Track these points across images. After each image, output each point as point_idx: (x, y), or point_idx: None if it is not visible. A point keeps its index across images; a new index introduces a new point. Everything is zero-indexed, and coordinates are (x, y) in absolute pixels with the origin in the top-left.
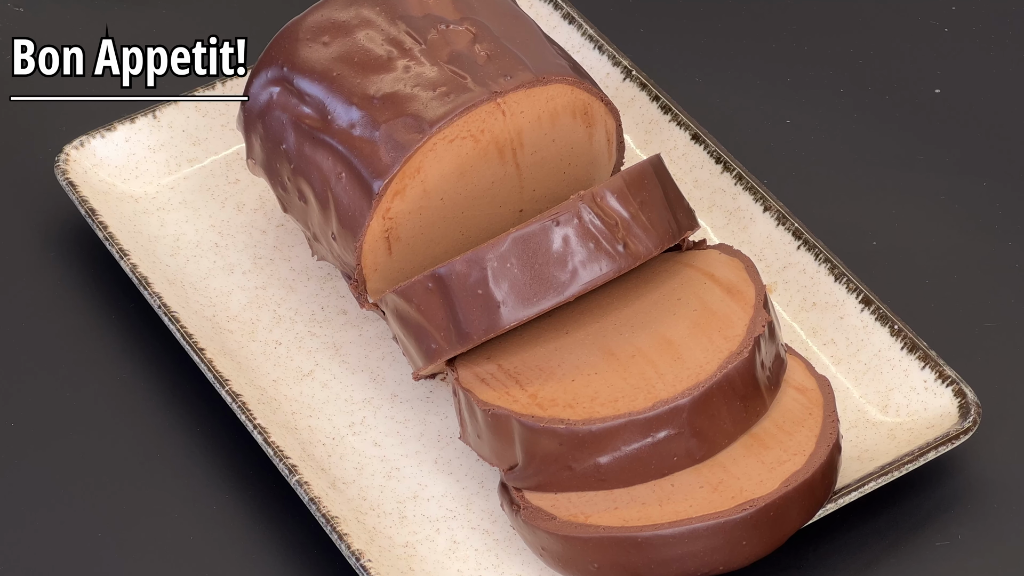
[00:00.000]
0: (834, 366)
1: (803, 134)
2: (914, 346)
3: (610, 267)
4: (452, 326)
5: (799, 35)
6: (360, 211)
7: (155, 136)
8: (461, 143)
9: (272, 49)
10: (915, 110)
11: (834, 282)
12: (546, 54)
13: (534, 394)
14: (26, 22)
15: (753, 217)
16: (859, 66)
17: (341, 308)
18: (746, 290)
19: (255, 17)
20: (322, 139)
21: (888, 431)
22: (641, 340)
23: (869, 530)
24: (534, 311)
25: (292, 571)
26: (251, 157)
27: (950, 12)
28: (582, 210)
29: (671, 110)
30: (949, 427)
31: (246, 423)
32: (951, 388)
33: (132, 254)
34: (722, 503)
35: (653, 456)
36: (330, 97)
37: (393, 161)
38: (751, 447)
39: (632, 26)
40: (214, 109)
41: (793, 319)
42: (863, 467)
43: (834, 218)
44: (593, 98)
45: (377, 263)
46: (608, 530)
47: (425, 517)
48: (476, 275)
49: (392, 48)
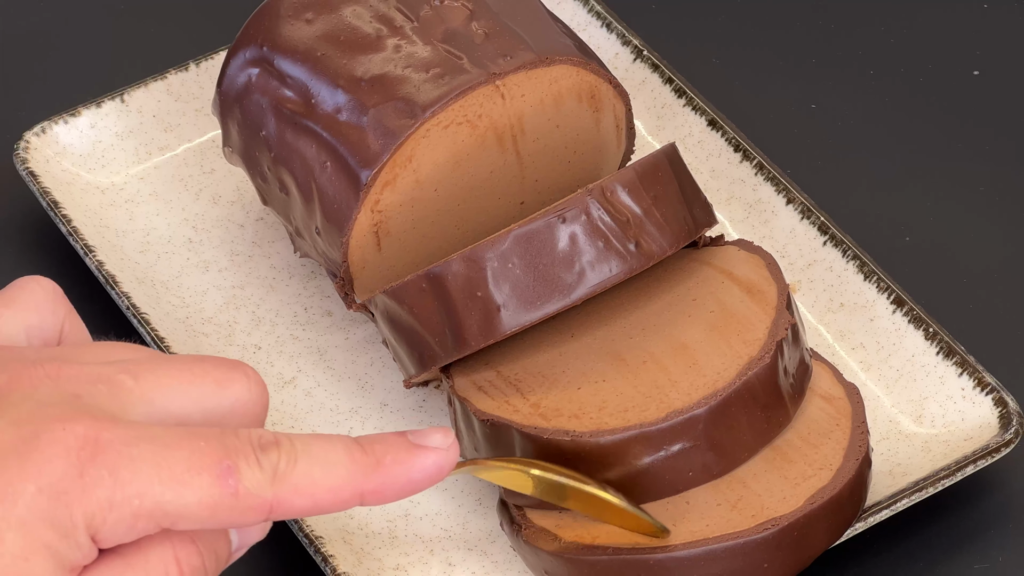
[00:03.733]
0: (863, 372)
1: (830, 120)
2: (951, 351)
3: (621, 268)
4: (448, 330)
5: (825, 12)
6: (347, 203)
7: (123, 122)
8: (457, 129)
9: (251, 27)
10: (952, 93)
11: (863, 281)
12: (549, 32)
13: (536, 403)
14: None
15: (775, 210)
16: (891, 45)
17: (326, 309)
18: (767, 290)
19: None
20: (305, 125)
21: (922, 443)
22: (653, 345)
23: (902, 552)
24: (538, 315)
25: None
26: (228, 145)
27: None
28: (590, 205)
29: (686, 93)
30: (989, 439)
31: None
32: (991, 396)
33: (98, 250)
34: (742, 522)
35: (666, 471)
36: (314, 79)
37: (383, 149)
38: (773, 461)
39: (644, 2)
40: (187, 92)
41: (819, 321)
42: (895, 483)
43: (863, 211)
44: (600, 80)
45: (365, 260)
46: (617, 552)
47: (417, 537)
48: (475, 275)
49: (381, 26)
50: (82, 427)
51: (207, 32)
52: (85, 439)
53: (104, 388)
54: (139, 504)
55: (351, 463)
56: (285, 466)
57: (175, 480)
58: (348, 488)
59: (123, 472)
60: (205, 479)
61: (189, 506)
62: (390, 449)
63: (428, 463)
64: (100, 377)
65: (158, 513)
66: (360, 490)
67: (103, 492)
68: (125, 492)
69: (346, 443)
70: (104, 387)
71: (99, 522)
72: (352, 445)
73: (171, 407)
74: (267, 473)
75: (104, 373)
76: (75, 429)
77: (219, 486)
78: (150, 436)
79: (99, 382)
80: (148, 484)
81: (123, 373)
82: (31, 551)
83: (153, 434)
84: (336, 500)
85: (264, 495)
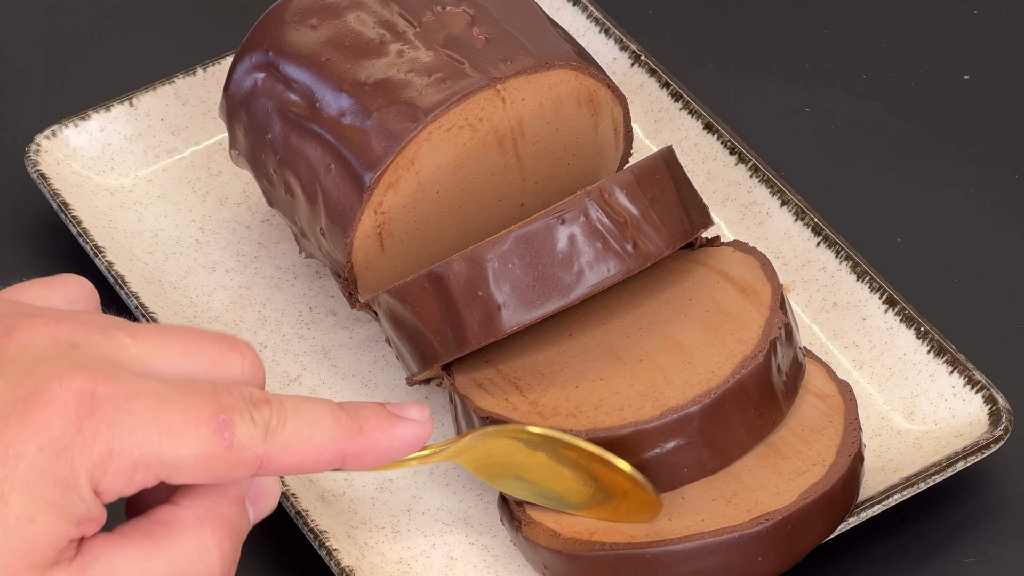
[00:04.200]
0: (856, 371)
1: (823, 123)
2: (942, 349)
3: (618, 268)
4: (449, 329)
5: (819, 18)
6: (351, 205)
7: (132, 125)
8: (458, 132)
9: (256, 32)
10: (943, 97)
11: (856, 281)
12: (549, 38)
13: (535, 401)
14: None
15: (770, 212)
16: (883, 51)
17: (330, 309)
18: (762, 290)
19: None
20: (310, 128)
21: (914, 440)
22: (649, 344)
23: (893, 546)
24: (537, 315)
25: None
26: (234, 148)
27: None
28: (589, 207)
29: (682, 97)
30: (979, 436)
31: None
32: (981, 394)
33: (107, 251)
34: (736, 516)
35: (661, 468)
36: (318, 83)
37: (386, 152)
38: (767, 457)
39: (641, 8)
40: (195, 96)
41: (812, 320)
42: (887, 478)
43: (856, 213)
44: (599, 84)
45: (369, 260)
46: (614, 547)
47: (420, 531)
48: (476, 275)
49: (384, 31)
50: (79, 382)
51: (214, 37)
52: (82, 394)
53: (101, 339)
54: (138, 455)
55: (337, 426)
56: (276, 423)
57: (173, 432)
58: (332, 449)
59: (122, 424)
60: (202, 432)
61: (186, 458)
62: (372, 416)
63: (407, 433)
64: (98, 330)
65: (156, 464)
66: (343, 452)
67: (102, 444)
68: (124, 443)
69: (332, 407)
70: (101, 339)
71: (100, 474)
72: (338, 409)
73: (165, 373)
74: (260, 429)
75: (104, 326)
76: (72, 385)
77: (215, 439)
78: (147, 390)
79: (97, 333)
80: (147, 436)
81: (121, 331)
82: (36, 511)
83: (149, 388)
84: (320, 460)
85: (256, 450)
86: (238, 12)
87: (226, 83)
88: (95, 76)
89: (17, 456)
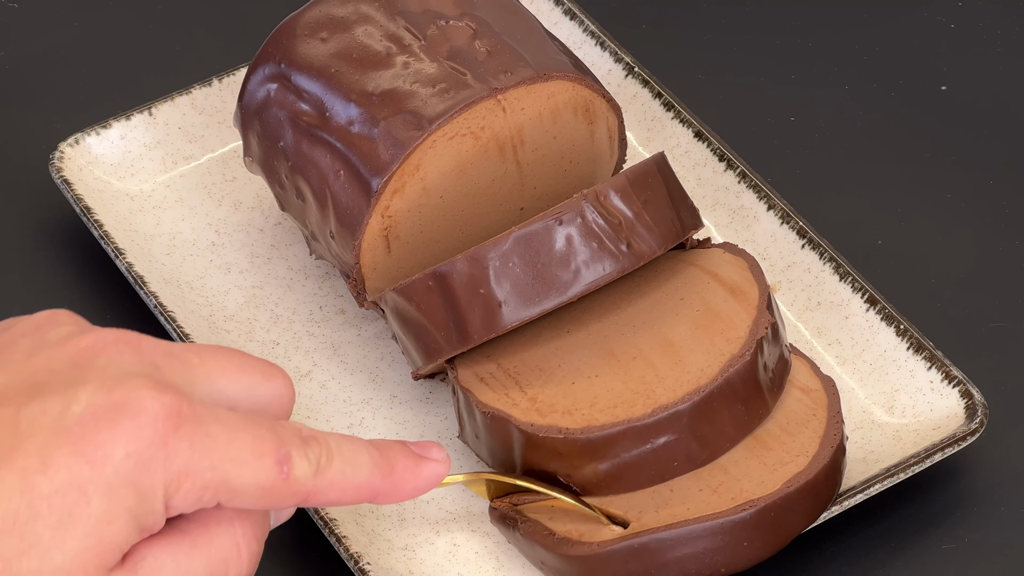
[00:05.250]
0: (839, 366)
1: (807, 132)
2: (920, 346)
3: (614, 267)
4: (453, 325)
5: (803, 32)
6: (359, 209)
7: (151, 133)
8: (461, 140)
9: (269, 45)
10: (921, 107)
11: (839, 281)
12: (547, 50)
13: (533, 397)
14: (20, 17)
15: (757, 215)
16: (864, 63)
17: (339, 307)
18: (750, 290)
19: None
20: (320, 136)
21: (894, 432)
22: (642, 341)
23: (874, 533)
24: (536, 311)
25: (291, 574)
26: (248, 155)
27: (957, 8)
28: (585, 209)
29: (674, 107)
30: (956, 428)
31: None
32: (958, 389)
33: (128, 253)
34: (722, 504)
35: (652, 462)
36: (328, 94)
37: (392, 158)
38: (753, 449)
39: (634, 22)
40: (211, 106)
41: (798, 319)
42: (868, 469)
43: (839, 216)
44: (595, 95)
45: (376, 262)
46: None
47: (424, 520)
48: (478, 274)
49: (391, 44)
50: (168, 398)
51: (229, 50)
52: (170, 410)
53: (176, 363)
54: (210, 478)
55: (373, 466)
56: (325, 461)
57: (242, 460)
58: (368, 487)
59: (201, 446)
60: (265, 463)
61: (248, 485)
62: (401, 457)
63: (430, 472)
64: (171, 352)
65: (223, 488)
66: (377, 490)
67: (182, 462)
68: (200, 464)
69: (368, 447)
70: (176, 362)
71: (174, 489)
72: (372, 449)
73: (226, 390)
74: (312, 465)
75: (173, 349)
76: (162, 399)
77: (275, 471)
78: (221, 417)
79: (171, 356)
80: (220, 460)
81: (189, 351)
82: (115, 515)
83: (222, 416)
84: (357, 497)
85: (307, 485)
86: (252, 26)
87: (240, 93)
88: (116, 87)
89: (105, 459)
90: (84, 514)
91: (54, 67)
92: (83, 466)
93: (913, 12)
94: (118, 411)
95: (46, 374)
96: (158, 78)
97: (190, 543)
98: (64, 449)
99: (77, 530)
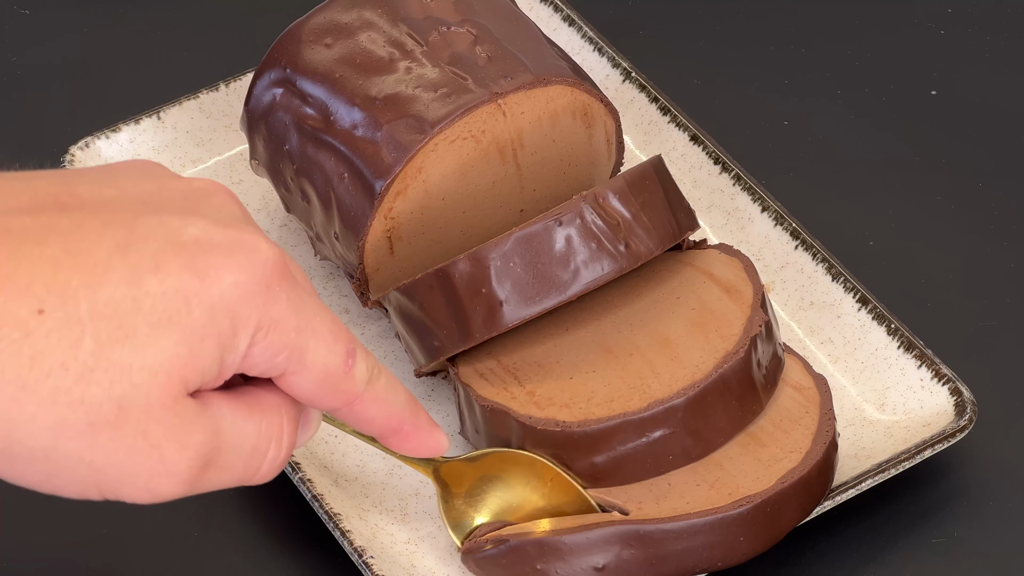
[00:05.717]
0: (831, 364)
1: (801, 135)
2: (911, 345)
3: (612, 267)
4: (454, 324)
5: (797, 38)
6: (362, 211)
7: (160, 137)
8: (462, 143)
9: (275, 51)
10: (911, 112)
11: (831, 281)
12: (546, 55)
13: (532, 391)
14: (32, 24)
15: (751, 217)
16: (856, 68)
17: (344, 307)
18: (744, 289)
19: (258, 17)
20: (325, 140)
21: (885, 429)
22: (639, 338)
23: (866, 527)
24: (536, 310)
25: (295, 566)
26: (254, 158)
27: (946, 15)
28: (584, 210)
29: (670, 111)
30: (945, 425)
31: None
32: (947, 386)
33: None
34: (718, 499)
35: (649, 455)
36: (332, 98)
37: (395, 161)
38: (748, 445)
39: (632, 28)
40: (218, 110)
41: (791, 318)
42: (860, 465)
43: (831, 218)
44: (593, 99)
45: (379, 262)
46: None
47: (427, 514)
48: (479, 274)
49: (394, 50)
50: (276, 251)
51: (235, 56)
52: (277, 260)
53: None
54: (294, 338)
55: (405, 403)
56: (376, 374)
57: (322, 335)
58: (397, 419)
59: (296, 303)
60: (339, 348)
61: (318, 362)
62: (422, 413)
63: (441, 440)
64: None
65: (297, 355)
66: (401, 425)
67: (277, 311)
68: (290, 321)
69: (405, 388)
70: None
71: (261, 336)
72: (409, 392)
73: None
74: (368, 371)
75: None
76: (273, 247)
77: (343, 359)
78: (311, 291)
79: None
80: (307, 325)
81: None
82: (208, 334)
83: (312, 290)
84: (388, 421)
85: (359, 387)
86: (258, 32)
87: (247, 98)
88: (125, 92)
89: (215, 279)
90: (184, 323)
91: (65, 72)
92: (192, 279)
93: (904, 20)
94: (233, 244)
95: (159, 198)
96: (166, 83)
97: (247, 408)
98: (178, 259)
99: (173, 335)
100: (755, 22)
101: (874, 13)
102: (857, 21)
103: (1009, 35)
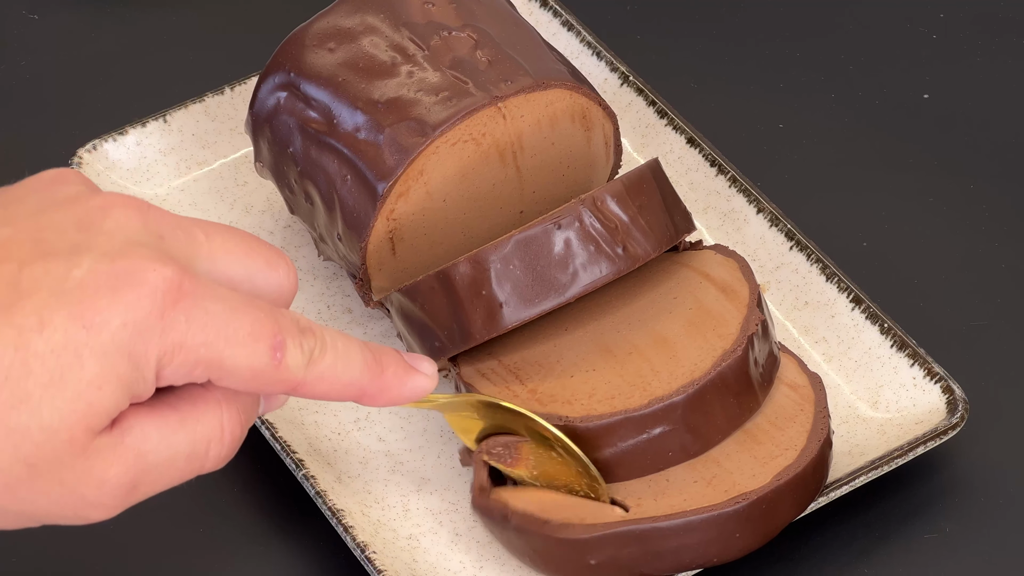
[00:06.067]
0: (826, 363)
1: (795, 138)
2: (903, 344)
3: (610, 269)
4: (456, 325)
5: (791, 42)
6: (365, 212)
7: (166, 139)
8: (463, 146)
9: (279, 55)
10: (904, 114)
11: (825, 282)
12: (545, 60)
13: (534, 389)
14: (40, 29)
15: (747, 218)
16: (850, 72)
17: (346, 307)
18: (740, 290)
19: (263, 22)
20: (328, 142)
21: (878, 427)
22: (638, 338)
23: (859, 523)
24: (536, 311)
25: (299, 561)
26: (259, 160)
27: (938, 19)
28: (583, 213)
29: (667, 114)
30: (937, 423)
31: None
32: (939, 385)
33: None
34: (715, 496)
35: (648, 451)
36: (336, 102)
37: (397, 164)
38: (744, 443)
39: (629, 33)
40: (223, 113)
41: (786, 317)
42: (853, 462)
43: (825, 219)
44: (591, 102)
45: (381, 263)
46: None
47: (428, 510)
48: (480, 275)
49: (396, 54)
50: (170, 271)
51: (240, 59)
52: (171, 284)
53: (181, 236)
54: (204, 353)
55: (363, 366)
56: (318, 354)
57: (237, 341)
58: (356, 386)
59: (198, 321)
60: (260, 347)
61: (240, 367)
62: (391, 363)
63: (418, 384)
64: (178, 224)
65: (215, 365)
66: (364, 390)
67: (177, 335)
68: (195, 339)
69: (361, 347)
70: (181, 235)
71: (167, 361)
72: (365, 350)
73: (229, 271)
74: (305, 356)
75: (182, 223)
76: (164, 272)
77: (268, 356)
78: (221, 295)
79: (178, 229)
80: (215, 337)
81: (196, 227)
82: (105, 380)
83: (222, 294)
84: (344, 393)
85: (298, 375)
86: (262, 37)
87: (251, 101)
88: (132, 95)
89: (103, 325)
90: (76, 377)
91: (72, 76)
92: (79, 330)
93: (897, 23)
94: (119, 280)
95: (52, 233)
96: (173, 86)
97: (177, 418)
98: (62, 312)
99: (68, 391)
100: (751, 27)
101: (867, 18)
102: (851, 26)
103: (1000, 39)
